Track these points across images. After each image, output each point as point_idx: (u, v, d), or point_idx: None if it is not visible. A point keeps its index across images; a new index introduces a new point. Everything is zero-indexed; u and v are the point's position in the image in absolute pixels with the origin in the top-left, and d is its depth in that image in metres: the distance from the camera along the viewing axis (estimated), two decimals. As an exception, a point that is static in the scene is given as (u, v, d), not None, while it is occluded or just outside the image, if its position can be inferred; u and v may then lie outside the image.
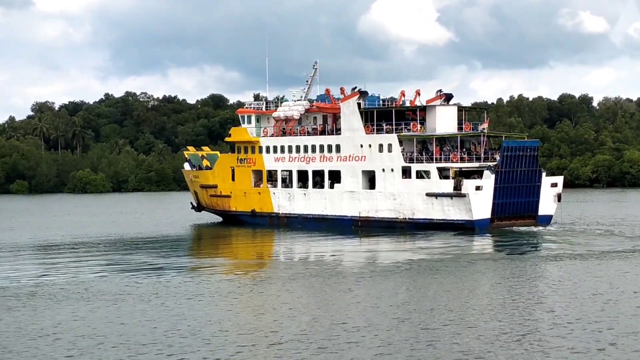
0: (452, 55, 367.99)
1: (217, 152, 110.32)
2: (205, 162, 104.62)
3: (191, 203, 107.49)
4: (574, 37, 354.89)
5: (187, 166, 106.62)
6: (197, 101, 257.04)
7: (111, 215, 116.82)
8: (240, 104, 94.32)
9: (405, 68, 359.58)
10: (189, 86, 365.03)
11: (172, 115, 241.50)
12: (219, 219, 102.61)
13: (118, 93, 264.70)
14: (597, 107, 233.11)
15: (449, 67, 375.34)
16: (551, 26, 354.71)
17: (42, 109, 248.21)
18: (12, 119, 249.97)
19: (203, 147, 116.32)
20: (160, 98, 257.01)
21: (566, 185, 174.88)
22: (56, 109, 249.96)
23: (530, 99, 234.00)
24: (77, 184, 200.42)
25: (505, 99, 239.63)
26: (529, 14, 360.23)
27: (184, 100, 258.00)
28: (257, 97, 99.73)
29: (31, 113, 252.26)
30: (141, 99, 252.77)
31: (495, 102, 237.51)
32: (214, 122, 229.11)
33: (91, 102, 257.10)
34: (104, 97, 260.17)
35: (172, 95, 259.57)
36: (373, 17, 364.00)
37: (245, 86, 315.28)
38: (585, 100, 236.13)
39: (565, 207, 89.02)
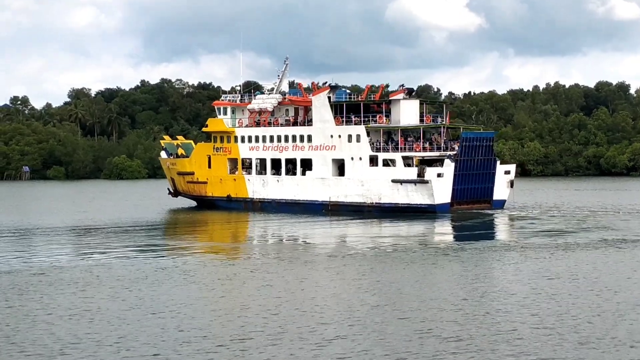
0: (483, 41, 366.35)
1: (191, 142, 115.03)
2: (180, 151, 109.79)
3: (168, 189, 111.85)
4: (606, 23, 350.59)
5: (163, 154, 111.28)
6: (232, 88, 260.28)
7: (90, 201, 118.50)
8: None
9: (436, 55, 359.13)
10: (221, 73, 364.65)
11: (207, 102, 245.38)
12: (194, 203, 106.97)
13: (151, 80, 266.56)
14: (635, 95, 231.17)
15: (481, 54, 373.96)
16: (582, 12, 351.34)
17: (78, 95, 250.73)
18: (48, 105, 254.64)
19: (178, 137, 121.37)
20: (195, 85, 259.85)
21: (602, 173, 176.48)
22: (92, 95, 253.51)
23: (567, 86, 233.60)
24: (113, 170, 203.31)
25: (542, 86, 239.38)
26: (559, 0, 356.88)
27: (218, 87, 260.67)
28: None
29: (67, 99, 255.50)
30: (176, 86, 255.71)
31: (530, 90, 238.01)
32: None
33: (126, 89, 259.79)
34: (139, 84, 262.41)
35: (207, 82, 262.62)
36: (402, 3, 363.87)
37: (277, 73, 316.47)
38: (623, 87, 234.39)
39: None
